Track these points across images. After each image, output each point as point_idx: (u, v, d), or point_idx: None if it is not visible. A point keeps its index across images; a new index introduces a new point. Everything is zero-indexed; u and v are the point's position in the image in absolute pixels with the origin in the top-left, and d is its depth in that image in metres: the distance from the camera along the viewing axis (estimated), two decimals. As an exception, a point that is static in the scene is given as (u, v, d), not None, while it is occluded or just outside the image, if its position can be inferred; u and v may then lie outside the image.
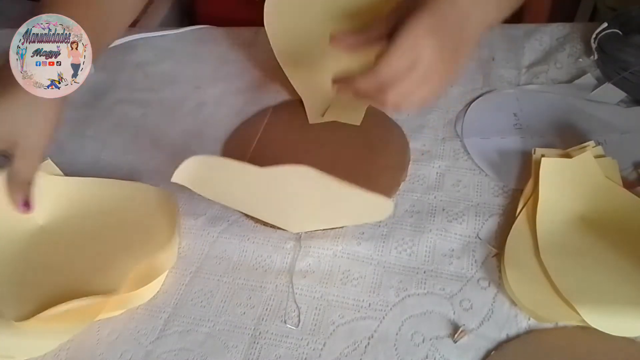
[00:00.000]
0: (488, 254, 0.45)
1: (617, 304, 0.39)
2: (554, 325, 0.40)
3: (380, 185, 0.51)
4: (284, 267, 0.46)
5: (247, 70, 0.67)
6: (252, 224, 0.50)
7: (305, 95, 0.60)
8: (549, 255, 0.42)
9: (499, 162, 0.51)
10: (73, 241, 0.50)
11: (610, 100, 0.55)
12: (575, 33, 0.64)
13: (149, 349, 0.43)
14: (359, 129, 0.57)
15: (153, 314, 0.45)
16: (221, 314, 0.44)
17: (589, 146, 0.48)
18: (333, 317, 0.43)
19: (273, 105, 0.62)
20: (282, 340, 0.42)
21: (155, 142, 0.60)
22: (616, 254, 0.42)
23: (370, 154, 0.54)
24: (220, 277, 0.46)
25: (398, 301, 0.43)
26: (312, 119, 0.59)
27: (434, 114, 0.57)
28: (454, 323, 0.41)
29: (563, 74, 0.60)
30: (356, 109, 0.58)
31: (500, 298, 0.42)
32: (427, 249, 0.46)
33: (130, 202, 0.51)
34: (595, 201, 0.45)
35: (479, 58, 0.63)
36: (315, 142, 0.56)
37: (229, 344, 0.42)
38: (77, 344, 0.44)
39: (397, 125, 0.57)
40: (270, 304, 0.44)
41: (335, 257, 0.46)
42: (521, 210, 0.46)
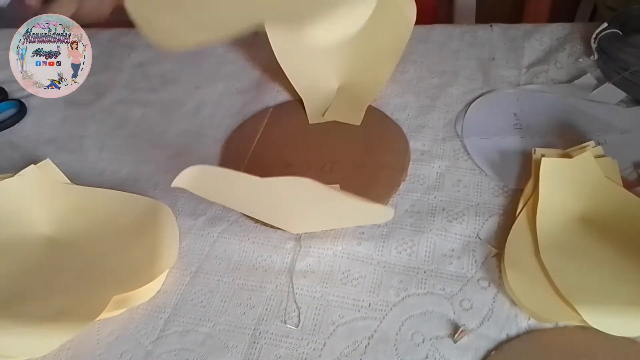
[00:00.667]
0: (488, 253, 0.45)
1: (618, 304, 0.39)
2: (554, 325, 0.40)
3: (380, 185, 0.51)
4: (284, 267, 0.46)
5: (247, 70, 0.67)
6: (252, 224, 0.50)
7: (305, 95, 0.60)
8: (549, 255, 0.42)
9: (499, 162, 0.51)
10: (77, 247, 0.50)
11: (610, 100, 0.55)
12: (575, 33, 0.64)
13: (149, 349, 0.43)
14: (359, 129, 0.57)
15: (153, 314, 0.45)
16: (221, 314, 0.44)
17: (589, 146, 0.47)
18: (333, 317, 0.43)
19: (273, 105, 0.62)
20: (282, 340, 0.42)
21: (155, 142, 0.60)
22: (616, 254, 0.42)
23: (370, 154, 0.54)
24: (220, 277, 0.46)
25: (398, 301, 0.43)
26: (312, 119, 0.59)
27: (433, 114, 0.57)
28: (454, 323, 0.41)
29: (563, 74, 0.60)
30: (356, 109, 0.58)
31: (500, 298, 0.42)
32: (427, 249, 0.46)
33: (130, 211, 0.51)
34: (596, 201, 0.45)
35: (479, 58, 0.63)
36: (315, 142, 0.56)
37: (229, 344, 0.42)
38: (77, 344, 0.44)
39: (397, 125, 0.57)
40: (270, 304, 0.44)
41: (335, 257, 0.46)
42: (521, 210, 0.46)
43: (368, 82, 0.59)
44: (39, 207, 0.51)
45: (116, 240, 0.49)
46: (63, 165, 0.55)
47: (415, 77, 0.62)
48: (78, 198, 0.52)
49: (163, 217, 0.50)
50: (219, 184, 0.42)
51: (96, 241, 0.49)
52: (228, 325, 0.43)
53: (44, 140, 0.62)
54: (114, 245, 0.49)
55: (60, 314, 0.42)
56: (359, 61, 0.60)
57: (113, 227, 0.50)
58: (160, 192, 0.54)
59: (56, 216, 0.51)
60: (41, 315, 0.42)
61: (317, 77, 0.60)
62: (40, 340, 0.43)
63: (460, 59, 0.63)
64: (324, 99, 0.60)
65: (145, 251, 0.47)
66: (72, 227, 0.50)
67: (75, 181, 0.55)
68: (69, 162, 0.58)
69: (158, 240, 0.48)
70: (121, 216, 0.51)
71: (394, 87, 0.61)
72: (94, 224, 0.51)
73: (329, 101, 0.59)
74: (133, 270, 0.45)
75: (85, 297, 0.44)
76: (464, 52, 0.64)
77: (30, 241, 0.49)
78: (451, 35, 0.67)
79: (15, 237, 0.49)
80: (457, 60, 0.63)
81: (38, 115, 0.66)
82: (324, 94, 0.60)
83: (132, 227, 0.50)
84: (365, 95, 0.59)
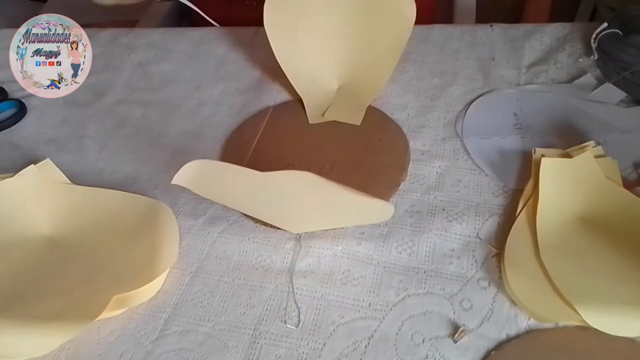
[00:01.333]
0: (488, 253, 0.45)
1: (618, 304, 0.39)
2: (554, 325, 0.40)
3: (380, 185, 0.51)
4: (284, 267, 0.46)
5: (247, 70, 0.67)
6: (252, 224, 0.50)
7: (305, 95, 0.60)
8: (549, 255, 0.42)
9: (499, 162, 0.51)
10: (78, 247, 0.50)
11: (610, 100, 0.55)
12: (575, 33, 0.64)
13: (149, 349, 0.43)
14: (359, 128, 0.57)
15: (153, 314, 0.45)
16: (221, 314, 0.44)
17: (589, 146, 0.47)
18: (333, 317, 0.43)
19: (273, 105, 0.62)
20: (282, 340, 0.42)
21: (155, 142, 0.60)
22: (616, 254, 0.42)
23: (370, 154, 0.54)
24: (220, 277, 0.46)
25: (398, 301, 0.43)
26: (312, 119, 0.59)
27: (434, 114, 0.57)
28: (454, 323, 0.41)
29: (563, 74, 0.60)
30: (356, 109, 0.58)
31: (500, 298, 0.42)
32: (427, 249, 0.46)
33: (130, 211, 0.51)
34: (596, 201, 0.45)
35: (479, 58, 0.63)
36: (315, 142, 0.56)
37: (229, 344, 0.42)
38: (77, 344, 0.43)
39: (397, 124, 0.57)
40: (270, 304, 0.44)
41: (335, 257, 0.46)
42: (521, 210, 0.46)
43: (368, 82, 0.59)
44: (39, 206, 0.51)
45: (116, 239, 0.49)
46: (63, 165, 0.55)
47: (415, 77, 0.62)
48: (78, 198, 0.52)
49: (163, 217, 0.50)
50: (219, 180, 0.42)
51: (96, 241, 0.49)
52: (228, 325, 0.43)
53: (43, 140, 0.62)
54: (114, 245, 0.49)
55: (61, 314, 0.42)
56: (359, 61, 0.60)
57: (113, 226, 0.50)
58: (160, 192, 0.54)
59: (56, 216, 0.51)
60: (41, 315, 0.42)
61: (317, 77, 0.60)
62: (40, 340, 0.43)
63: (460, 59, 0.63)
64: (324, 99, 0.60)
65: (145, 251, 0.47)
66: (72, 227, 0.50)
67: (75, 181, 0.55)
68: (69, 162, 0.58)
69: (158, 240, 0.48)
70: (121, 216, 0.51)
71: (394, 87, 0.61)
72: (94, 224, 0.51)
73: (328, 101, 0.59)
74: (133, 270, 0.45)
75: (86, 296, 0.44)
76: (464, 52, 0.64)
77: (31, 241, 0.49)
78: (451, 35, 0.67)
79: (15, 237, 0.49)
80: (457, 60, 0.63)
81: (38, 115, 0.66)
82: (324, 94, 0.60)
83: (133, 227, 0.50)
84: (365, 95, 0.59)
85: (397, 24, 0.56)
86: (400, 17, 0.56)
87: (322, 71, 0.60)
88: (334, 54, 0.60)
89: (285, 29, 0.57)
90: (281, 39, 0.58)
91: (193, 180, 0.40)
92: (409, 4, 0.55)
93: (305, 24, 0.58)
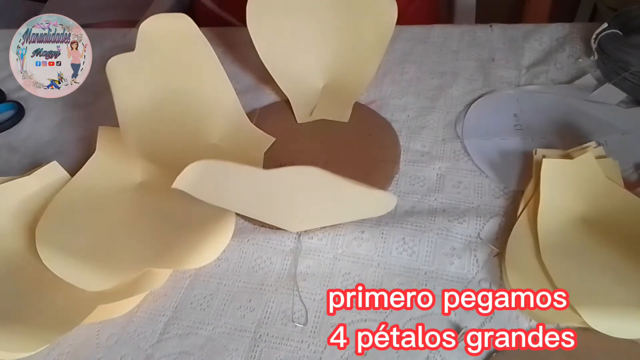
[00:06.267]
0: (489, 254, 0.45)
1: (619, 305, 0.39)
2: (555, 327, 0.40)
3: (374, 179, 0.51)
4: (284, 269, 0.46)
5: (245, 70, 0.67)
6: (251, 226, 0.50)
7: (291, 94, 0.60)
8: (550, 256, 0.42)
9: (499, 163, 0.51)
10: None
11: (610, 101, 0.55)
12: (575, 33, 0.64)
13: (148, 352, 0.42)
14: (348, 126, 0.57)
15: (152, 318, 0.44)
16: (221, 317, 0.44)
17: (590, 147, 0.47)
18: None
19: (260, 107, 0.61)
20: (282, 342, 0.42)
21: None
22: (618, 255, 0.42)
23: (361, 150, 0.54)
24: (219, 279, 0.46)
25: (399, 303, 0.43)
26: (300, 119, 0.58)
27: (433, 115, 0.57)
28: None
29: (563, 75, 0.59)
30: (343, 106, 0.58)
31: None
32: (428, 249, 0.46)
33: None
34: (597, 202, 0.45)
35: (479, 58, 0.63)
36: (305, 141, 0.56)
37: (229, 347, 0.42)
38: (76, 348, 0.43)
39: (385, 120, 0.57)
40: (270, 307, 0.44)
41: (335, 259, 0.46)
42: (522, 212, 0.46)
43: (352, 80, 0.60)
44: None
45: None
46: (64, 166, 0.55)
47: (415, 78, 0.62)
48: None
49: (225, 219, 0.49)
50: (221, 181, 0.42)
51: None
52: (228, 328, 0.43)
53: (42, 142, 0.62)
54: None
55: None
56: (343, 59, 0.60)
57: None
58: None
59: None
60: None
61: (302, 76, 0.60)
62: (40, 335, 0.42)
63: (460, 60, 0.63)
64: (311, 98, 0.60)
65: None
66: None
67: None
68: (70, 162, 0.58)
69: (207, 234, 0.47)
70: None
71: (394, 88, 0.61)
72: None
73: (315, 100, 0.59)
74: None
75: None
76: (464, 53, 0.64)
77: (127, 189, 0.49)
78: (451, 36, 0.67)
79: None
80: (457, 60, 0.63)
81: (36, 116, 0.66)
82: (310, 93, 0.60)
83: None
84: (350, 92, 0.59)
85: (379, 23, 0.57)
86: (382, 15, 0.56)
87: (307, 70, 0.60)
88: (318, 52, 0.60)
89: (268, 29, 0.57)
90: (265, 38, 0.58)
91: (194, 183, 0.40)
92: (390, 2, 0.55)
93: (288, 24, 0.58)
